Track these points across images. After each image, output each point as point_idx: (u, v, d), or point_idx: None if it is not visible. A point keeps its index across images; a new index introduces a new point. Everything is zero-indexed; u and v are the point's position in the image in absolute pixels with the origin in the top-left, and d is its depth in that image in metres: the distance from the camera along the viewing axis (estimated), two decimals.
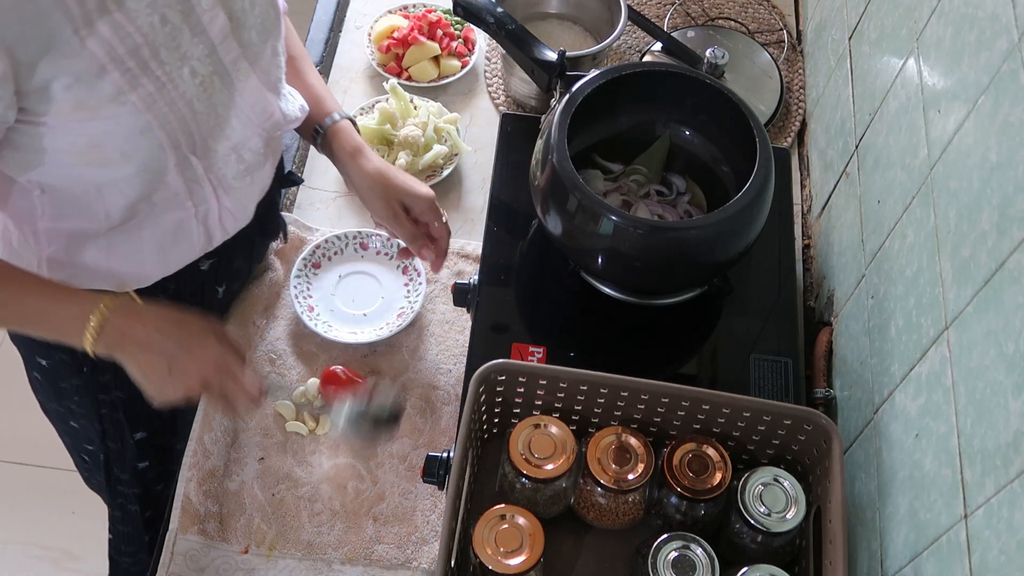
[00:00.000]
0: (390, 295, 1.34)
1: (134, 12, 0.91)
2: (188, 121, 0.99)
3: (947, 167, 0.94)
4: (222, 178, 1.09)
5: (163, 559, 1.16)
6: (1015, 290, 0.78)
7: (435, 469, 1.07)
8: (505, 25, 1.22)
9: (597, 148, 1.27)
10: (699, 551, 0.97)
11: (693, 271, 1.15)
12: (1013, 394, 0.76)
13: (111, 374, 1.22)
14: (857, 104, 1.27)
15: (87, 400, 1.29)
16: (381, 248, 1.36)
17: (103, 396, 1.27)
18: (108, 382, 1.25)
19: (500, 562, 0.95)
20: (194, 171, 1.05)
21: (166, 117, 0.97)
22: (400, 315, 1.31)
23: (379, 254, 1.36)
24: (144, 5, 0.91)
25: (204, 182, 1.07)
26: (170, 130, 0.98)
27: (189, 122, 1.00)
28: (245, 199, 1.15)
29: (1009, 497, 0.75)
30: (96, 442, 1.38)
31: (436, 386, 1.28)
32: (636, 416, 1.08)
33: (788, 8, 1.68)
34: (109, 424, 1.32)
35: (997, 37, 0.86)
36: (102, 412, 1.31)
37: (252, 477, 1.21)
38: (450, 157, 1.46)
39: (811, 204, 1.43)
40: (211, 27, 0.98)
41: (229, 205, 1.13)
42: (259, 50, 1.06)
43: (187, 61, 0.97)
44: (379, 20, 1.60)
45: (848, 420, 1.15)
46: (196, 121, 1.00)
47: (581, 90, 1.15)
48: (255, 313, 1.31)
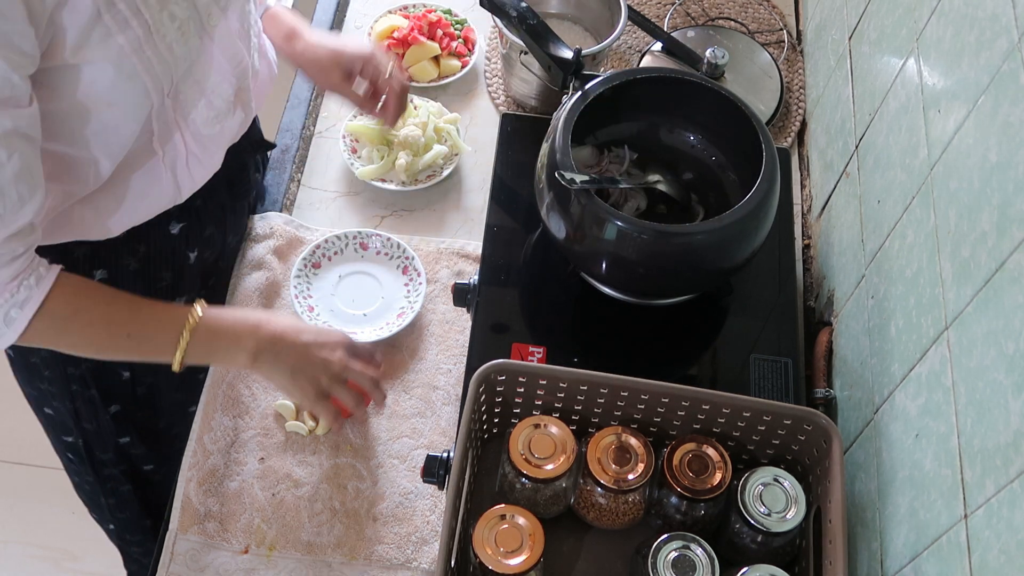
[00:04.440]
0: (390, 295, 1.33)
1: None
2: (169, 64, 1.00)
3: (947, 167, 0.94)
4: (191, 122, 1.09)
5: (163, 559, 1.16)
6: (1015, 290, 0.78)
7: (435, 469, 1.07)
8: (527, 19, 1.22)
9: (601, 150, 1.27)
10: (699, 551, 0.97)
11: (698, 276, 1.15)
12: (1013, 394, 0.76)
13: None
14: (857, 104, 1.27)
15: (56, 375, 1.28)
16: (381, 248, 1.36)
17: (72, 369, 1.26)
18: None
19: (500, 562, 0.95)
20: (167, 114, 1.05)
21: (150, 61, 0.97)
22: (400, 315, 1.31)
23: (379, 254, 1.36)
24: None
25: (174, 126, 1.08)
26: (153, 74, 0.99)
27: (170, 65, 1.00)
28: (213, 146, 1.15)
29: (1009, 497, 0.75)
30: (72, 428, 1.38)
31: (436, 386, 1.28)
32: (636, 416, 1.08)
33: (788, 8, 1.68)
34: (81, 402, 1.32)
35: (997, 37, 0.86)
36: (73, 388, 1.30)
37: (252, 477, 1.21)
38: (450, 157, 1.46)
39: (811, 204, 1.43)
40: None
41: (196, 151, 1.12)
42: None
43: (166, 5, 0.98)
44: (379, 20, 1.60)
45: (848, 420, 1.15)
46: (176, 64, 1.01)
47: (592, 90, 1.16)
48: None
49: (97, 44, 0.92)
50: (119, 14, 0.93)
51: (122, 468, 1.45)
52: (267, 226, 1.39)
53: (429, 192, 1.46)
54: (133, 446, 1.41)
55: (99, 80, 0.95)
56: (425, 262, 1.37)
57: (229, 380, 1.26)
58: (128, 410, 1.36)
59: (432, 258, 1.38)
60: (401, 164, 1.41)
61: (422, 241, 1.40)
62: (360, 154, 1.47)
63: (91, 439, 1.39)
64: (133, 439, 1.40)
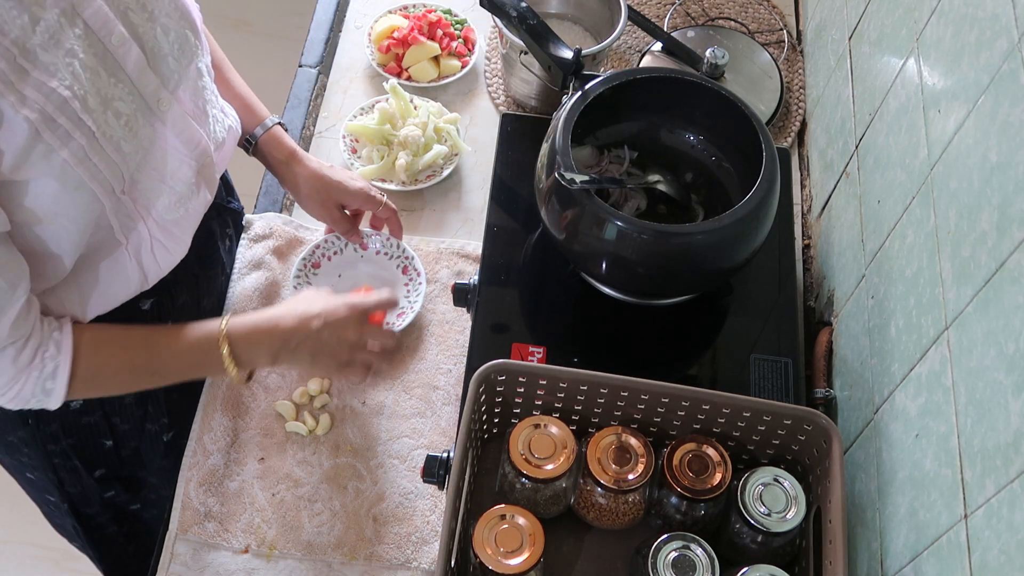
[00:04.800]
0: None
1: (52, 66, 0.86)
2: (118, 165, 0.96)
3: (947, 167, 0.94)
4: (152, 210, 1.06)
5: (163, 559, 1.16)
6: (1015, 290, 0.78)
7: (435, 469, 1.07)
8: (527, 19, 1.22)
9: (601, 151, 1.27)
10: (699, 551, 0.97)
11: (698, 276, 1.15)
12: (1013, 394, 0.76)
13: (57, 423, 1.21)
14: (857, 104, 1.27)
15: (37, 452, 1.26)
16: (381, 248, 1.36)
17: (52, 446, 1.25)
18: (55, 432, 1.22)
19: (500, 562, 0.95)
20: (126, 208, 1.01)
21: (96, 168, 0.93)
22: (400, 315, 1.30)
23: (379, 254, 1.36)
24: (61, 56, 0.87)
25: (135, 216, 1.04)
26: (101, 179, 0.95)
27: (119, 166, 0.96)
28: (178, 230, 1.11)
29: (1009, 497, 0.75)
30: (56, 492, 1.37)
31: (436, 386, 1.28)
32: (636, 416, 1.08)
33: (788, 8, 1.68)
34: (64, 472, 1.30)
35: (997, 37, 0.86)
36: (54, 462, 1.28)
37: (252, 477, 1.21)
38: (450, 157, 1.46)
39: (811, 204, 1.43)
40: (126, 63, 0.95)
41: (161, 237, 1.09)
42: (180, 76, 1.03)
43: (110, 104, 0.93)
44: (379, 20, 1.60)
45: (848, 420, 1.15)
46: (125, 162, 0.97)
47: (592, 90, 1.16)
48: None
49: (38, 161, 0.88)
50: (59, 129, 0.88)
51: (109, 516, 1.44)
52: (266, 226, 1.39)
53: (429, 192, 1.46)
54: (118, 496, 1.40)
55: (42, 194, 0.91)
56: (425, 262, 1.37)
57: (229, 380, 1.26)
58: (113, 471, 1.34)
59: (432, 258, 1.38)
60: (401, 164, 1.41)
61: (422, 241, 1.40)
62: (360, 154, 1.47)
63: (75, 499, 1.38)
64: (119, 491, 1.39)
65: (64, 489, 1.34)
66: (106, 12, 0.92)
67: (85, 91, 0.90)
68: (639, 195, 1.24)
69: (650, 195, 1.25)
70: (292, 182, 1.26)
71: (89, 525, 1.45)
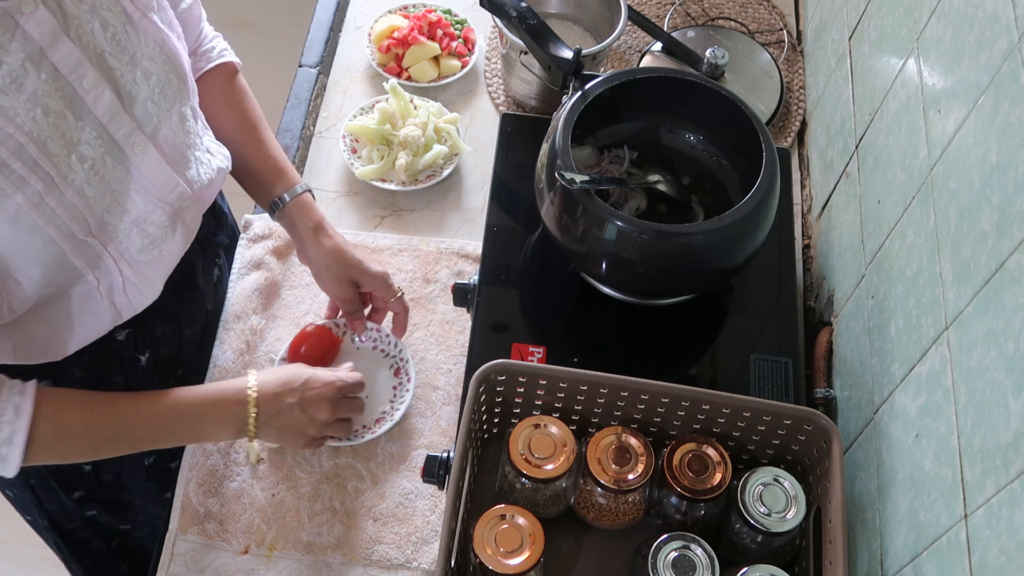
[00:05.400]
0: (376, 396, 1.24)
1: (12, 110, 0.85)
2: (79, 208, 0.94)
3: (947, 167, 0.94)
4: (124, 251, 1.03)
5: (163, 559, 1.16)
6: (1015, 290, 0.78)
7: (435, 469, 1.07)
8: (527, 19, 1.22)
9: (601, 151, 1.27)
10: (699, 551, 0.97)
11: (698, 276, 1.15)
12: (1013, 394, 0.76)
13: None
14: (857, 104, 1.27)
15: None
16: (378, 344, 1.28)
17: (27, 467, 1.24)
18: None
19: (500, 562, 0.95)
20: (92, 249, 0.99)
21: (53, 212, 0.91)
22: (379, 420, 1.22)
23: (375, 349, 1.28)
24: (23, 100, 0.85)
25: (105, 256, 1.01)
26: (59, 223, 0.93)
27: (81, 209, 0.94)
28: (152, 272, 1.09)
29: (1009, 497, 0.75)
30: (33, 510, 1.35)
31: (436, 386, 1.28)
32: (636, 416, 1.08)
33: (788, 8, 1.68)
34: (42, 492, 1.29)
35: (997, 37, 0.86)
36: (31, 482, 1.27)
37: (252, 477, 1.21)
38: (450, 157, 1.46)
39: (811, 204, 1.43)
40: (97, 107, 0.93)
41: (133, 279, 1.06)
42: (160, 120, 1.01)
43: (74, 148, 0.91)
44: (379, 20, 1.60)
45: (848, 420, 1.15)
46: (88, 206, 0.95)
47: (592, 90, 1.16)
48: (253, 313, 1.31)
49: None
50: (13, 174, 0.86)
51: (92, 530, 1.42)
52: (266, 226, 1.39)
53: (429, 192, 1.46)
54: (100, 516, 1.38)
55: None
56: (425, 262, 1.37)
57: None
58: (92, 493, 1.32)
59: (432, 258, 1.38)
60: (401, 164, 1.41)
61: (422, 241, 1.40)
62: (360, 154, 1.47)
63: (56, 517, 1.36)
64: (100, 511, 1.37)
65: (43, 507, 1.33)
66: (78, 55, 0.90)
67: (46, 136, 0.88)
68: (639, 195, 1.24)
69: (650, 195, 1.25)
70: (314, 251, 1.21)
71: (71, 540, 1.43)
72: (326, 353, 1.25)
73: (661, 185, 1.24)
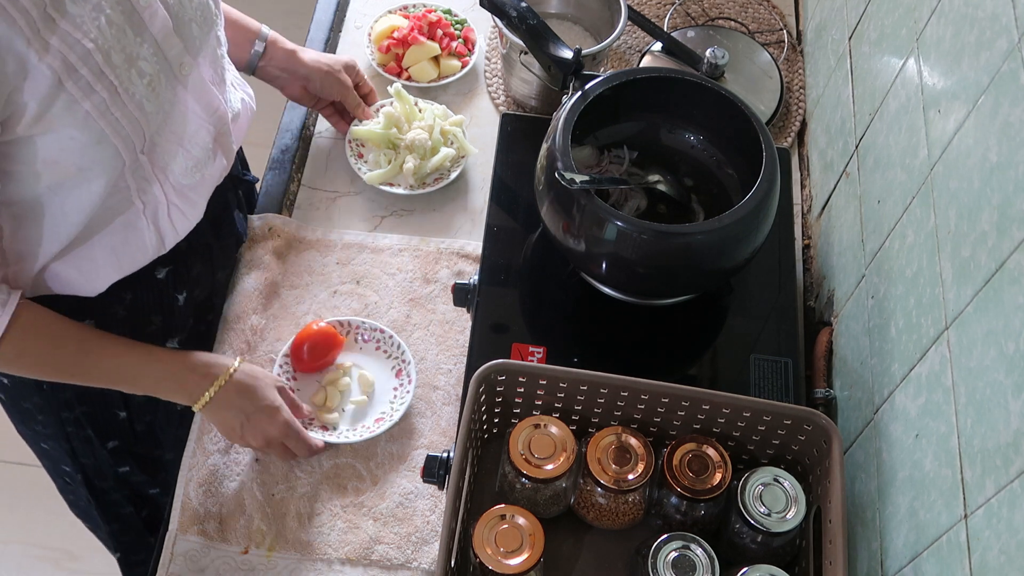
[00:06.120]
0: (377, 396, 1.25)
1: (79, 18, 0.88)
2: (140, 123, 0.98)
3: (947, 167, 0.94)
4: (169, 174, 1.08)
5: (163, 559, 1.16)
6: (1015, 290, 0.78)
7: (435, 469, 1.07)
8: (527, 19, 1.22)
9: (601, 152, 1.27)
10: (699, 551, 0.97)
11: (698, 276, 1.15)
12: (1013, 394, 0.76)
13: (71, 390, 1.22)
14: (857, 104, 1.27)
15: (51, 419, 1.27)
16: (381, 345, 1.28)
17: (66, 413, 1.26)
18: (70, 398, 1.24)
19: (500, 562, 0.95)
20: (143, 169, 1.04)
21: (119, 123, 0.95)
22: (378, 420, 1.22)
23: (378, 349, 1.28)
24: (88, 8, 0.89)
25: (152, 178, 1.06)
26: (124, 136, 0.97)
27: (141, 124, 0.98)
28: (195, 195, 1.14)
29: (1009, 497, 0.75)
30: (70, 463, 1.37)
31: (436, 386, 1.28)
32: (636, 416, 1.08)
33: (788, 8, 1.68)
34: (77, 441, 1.31)
35: (997, 37, 0.86)
36: (68, 430, 1.29)
37: (252, 477, 1.21)
38: (457, 160, 1.46)
39: (811, 204, 1.43)
40: (152, 24, 0.97)
41: (178, 201, 1.11)
42: (202, 42, 1.05)
43: (134, 62, 0.95)
44: (379, 20, 1.60)
45: (848, 420, 1.15)
46: (147, 121, 0.99)
47: (592, 90, 1.16)
48: (253, 313, 1.31)
49: (61, 113, 0.90)
50: (81, 80, 0.90)
51: (124, 493, 1.44)
52: (266, 226, 1.38)
53: (430, 193, 1.46)
54: (133, 474, 1.40)
55: (66, 147, 0.93)
56: (425, 262, 1.37)
57: None
58: (127, 444, 1.35)
59: (432, 258, 1.38)
60: (409, 168, 1.41)
61: (422, 241, 1.40)
62: (367, 159, 1.46)
63: (89, 471, 1.39)
64: (133, 468, 1.39)
65: (77, 459, 1.35)
66: None
67: (109, 46, 0.92)
68: (639, 195, 1.24)
69: (650, 195, 1.25)
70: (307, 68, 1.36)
71: (103, 500, 1.45)
72: (328, 352, 1.26)
73: (661, 185, 1.24)
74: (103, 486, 1.42)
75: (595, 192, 1.09)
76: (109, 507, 1.47)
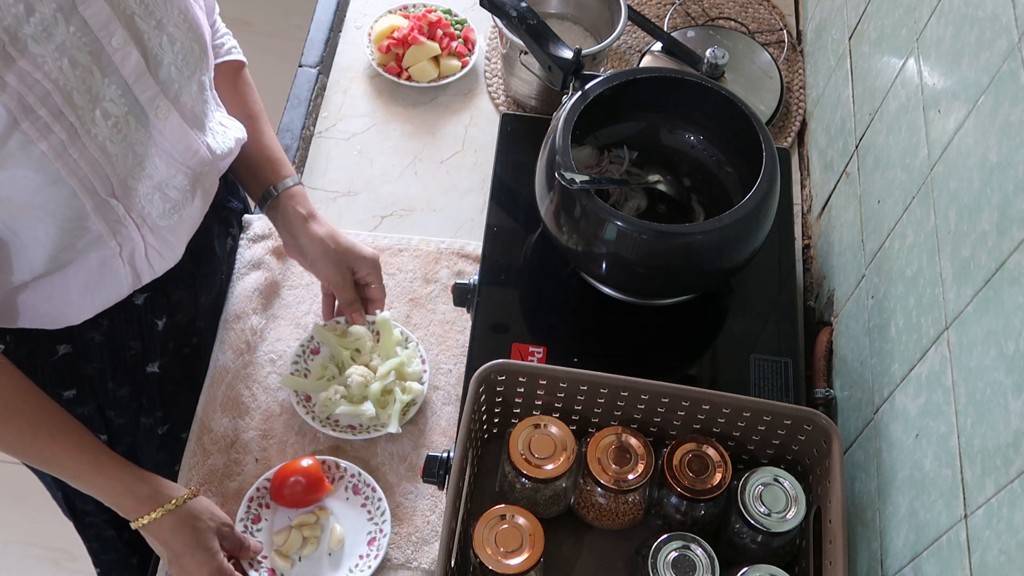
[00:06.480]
0: (343, 553, 1.16)
1: (40, 58, 0.87)
2: (102, 164, 0.96)
3: (947, 167, 0.94)
4: (146, 216, 1.05)
5: (163, 559, 1.16)
6: (1015, 290, 0.78)
7: (435, 469, 1.07)
8: (527, 19, 1.22)
9: (601, 151, 1.27)
10: (699, 551, 0.97)
11: (698, 276, 1.15)
12: (1013, 394, 0.76)
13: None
14: (857, 104, 1.27)
15: None
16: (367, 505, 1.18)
17: None
18: None
19: (500, 562, 0.95)
20: (115, 212, 1.01)
21: (76, 164, 0.93)
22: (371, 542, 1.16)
23: (363, 507, 1.18)
24: (51, 49, 0.87)
25: (127, 221, 1.03)
26: (81, 176, 0.95)
27: (103, 165, 0.96)
28: (173, 237, 1.11)
29: (1009, 497, 0.75)
30: (52, 483, 1.37)
31: (436, 386, 1.28)
32: (636, 416, 1.08)
33: (788, 8, 1.68)
34: None
35: (997, 37, 0.86)
36: None
37: (252, 477, 1.21)
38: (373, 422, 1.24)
39: (811, 204, 1.43)
40: (123, 66, 0.95)
41: (155, 243, 1.08)
42: (181, 86, 1.03)
43: (99, 103, 0.93)
44: (379, 20, 1.60)
45: (848, 420, 1.15)
46: (111, 163, 0.97)
47: (592, 90, 1.16)
48: (253, 313, 1.31)
49: (15, 151, 0.88)
50: (39, 120, 0.88)
51: (105, 517, 1.43)
52: (266, 226, 1.38)
53: (429, 192, 1.46)
54: None
55: (20, 185, 0.91)
56: (425, 262, 1.37)
57: (229, 380, 1.26)
58: None
59: (432, 258, 1.38)
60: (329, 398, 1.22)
61: (422, 241, 1.40)
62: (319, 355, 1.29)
63: (69, 492, 1.37)
64: None
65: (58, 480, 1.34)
66: (108, 13, 0.92)
67: (72, 87, 0.90)
68: (639, 195, 1.24)
69: (650, 195, 1.25)
70: (308, 238, 1.20)
71: (85, 523, 1.45)
72: (309, 495, 1.16)
73: (661, 185, 1.24)
74: (84, 508, 1.41)
75: (595, 192, 1.09)
76: (89, 528, 1.46)
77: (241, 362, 1.28)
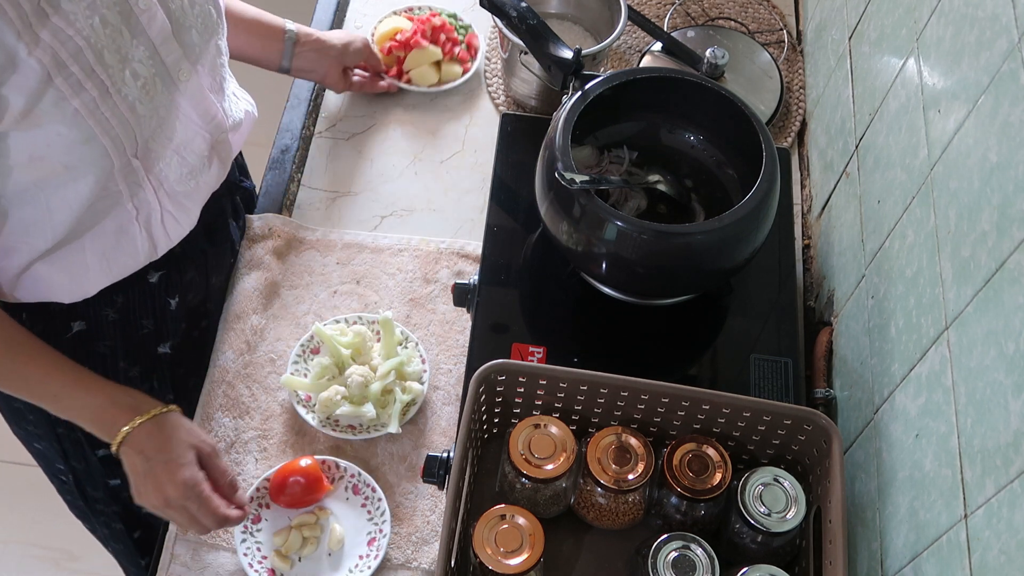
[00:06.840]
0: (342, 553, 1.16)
1: (73, 15, 0.89)
2: (131, 125, 0.98)
3: (947, 167, 0.94)
4: (164, 180, 1.07)
5: (163, 559, 1.16)
6: (1015, 290, 0.78)
7: (435, 469, 1.07)
8: (527, 19, 1.22)
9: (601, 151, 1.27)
10: (699, 551, 0.97)
11: (698, 276, 1.15)
12: (1013, 394, 0.76)
13: None
14: (857, 104, 1.27)
15: (41, 419, 1.27)
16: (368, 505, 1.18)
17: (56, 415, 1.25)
18: None
19: (500, 562, 0.95)
20: (135, 174, 1.03)
21: (108, 123, 0.95)
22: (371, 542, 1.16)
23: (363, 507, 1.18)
24: (83, 7, 0.89)
25: (145, 184, 1.05)
26: (113, 136, 0.97)
27: (132, 125, 0.98)
28: (189, 202, 1.13)
29: (1009, 497, 0.75)
30: (63, 465, 1.37)
31: (436, 386, 1.28)
32: (636, 416, 1.08)
33: (788, 8, 1.68)
34: (68, 444, 1.31)
35: (997, 37, 0.86)
36: (58, 431, 1.29)
37: (252, 477, 1.21)
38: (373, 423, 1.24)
39: (811, 204, 1.43)
40: (150, 27, 0.97)
41: (171, 208, 1.10)
42: (201, 50, 1.05)
43: (128, 63, 0.95)
44: (383, 21, 1.60)
45: (848, 420, 1.15)
46: (139, 124, 0.99)
47: (592, 90, 1.16)
48: (253, 313, 1.31)
49: (49, 108, 0.90)
50: (71, 76, 0.90)
51: (114, 508, 1.43)
52: (265, 226, 1.39)
53: (429, 191, 1.46)
54: (124, 488, 1.38)
55: (53, 143, 0.93)
56: (425, 262, 1.37)
57: (229, 380, 1.26)
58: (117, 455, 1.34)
59: (432, 258, 1.38)
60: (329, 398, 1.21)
61: (422, 241, 1.40)
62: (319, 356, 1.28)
63: (81, 476, 1.38)
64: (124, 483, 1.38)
65: (69, 462, 1.35)
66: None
67: (103, 45, 0.92)
68: (639, 195, 1.24)
69: (650, 195, 1.25)
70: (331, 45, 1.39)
71: (95, 510, 1.45)
72: (308, 496, 1.16)
73: (661, 185, 1.24)
74: (95, 495, 1.42)
75: (595, 192, 1.09)
76: (101, 515, 1.46)
77: (241, 362, 1.28)
